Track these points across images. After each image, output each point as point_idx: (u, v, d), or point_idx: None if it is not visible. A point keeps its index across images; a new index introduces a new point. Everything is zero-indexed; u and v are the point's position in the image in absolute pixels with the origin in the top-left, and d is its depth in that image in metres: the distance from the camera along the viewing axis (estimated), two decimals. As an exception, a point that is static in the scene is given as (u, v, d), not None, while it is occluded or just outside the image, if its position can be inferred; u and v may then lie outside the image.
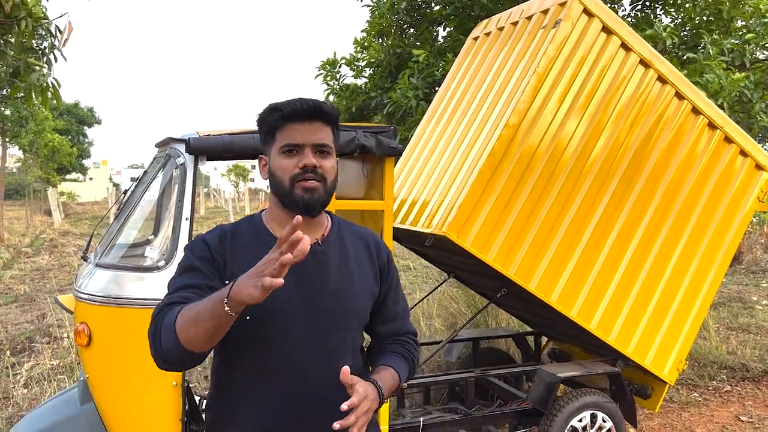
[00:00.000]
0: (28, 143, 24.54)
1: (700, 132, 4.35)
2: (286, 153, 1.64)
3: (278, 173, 1.65)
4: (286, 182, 1.63)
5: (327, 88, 8.33)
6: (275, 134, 1.66)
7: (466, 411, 4.11)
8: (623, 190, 4.14)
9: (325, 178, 1.65)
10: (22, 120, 19.85)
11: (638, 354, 4.20)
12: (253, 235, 1.71)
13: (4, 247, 17.93)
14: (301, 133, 1.63)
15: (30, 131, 22.79)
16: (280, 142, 1.65)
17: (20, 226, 24.61)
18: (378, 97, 7.60)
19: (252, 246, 1.68)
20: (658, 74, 4.18)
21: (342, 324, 1.73)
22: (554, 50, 3.89)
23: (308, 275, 1.68)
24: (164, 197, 3.57)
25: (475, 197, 3.74)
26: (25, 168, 27.30)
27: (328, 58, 8.24)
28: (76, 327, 3.19)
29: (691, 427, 5.08)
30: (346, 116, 8.17)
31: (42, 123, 25.01)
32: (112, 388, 3.15)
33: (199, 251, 1.68)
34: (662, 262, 4.27)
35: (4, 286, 11.89)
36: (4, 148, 19.88)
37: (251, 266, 1.41)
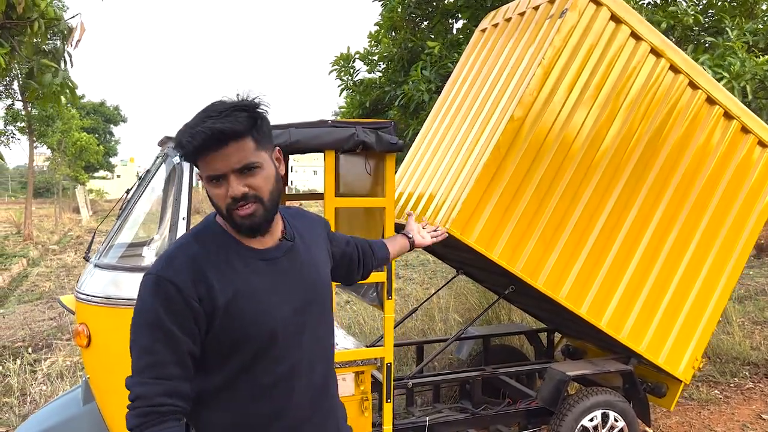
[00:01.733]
0: (56, 142, 24.95)
1: (716, 122, 4.20)
2: (212, 183, 1.56)
3: (214, 200, 1.59)
4: (223, 210, 1.58)
5: (341, 83, 8.28)
6: (197, 163, 1.57)
7: (474, 410, 4.05)
8: (634, 183, 4.02)
9: (259, 197, 1.57)
10: (48, 119, 20.15)
11: (651, 352, 4.09)
12: (220, 252, 1.63)
13: (32, 244, 18.28)
14: (219, 161, 1.52)
15: (57, 130, 23.16)
16: (204, 172, 1.56)
17: (49, 223, 25.10)
18: (392, 91, 7.54)
19: (226, 264, 1.61)
20: (671, 63, 4.05)
21: (324, 309, 1.79)
22: (561, 41, 3.78)
23: (290, 275, 1.70)
24: (162, 197, 3.56)
25: (480, 192, 3.66)
26: (53, 167, 27.79)
27: (342, 53, 8.19)
28: (75, 328, 3.19)
29: (710, 426, 4.95)
30: (360, 111, 8.12)
31: (69, 122, 25.42)
32: (112, 389, 3.14)
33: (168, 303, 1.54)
34: (676, 257, 4.15)
35: (30, 284, 12.11)
36: (31, 147, 20.23)
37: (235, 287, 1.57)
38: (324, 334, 1.79)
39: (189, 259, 1.59)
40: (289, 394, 1.67)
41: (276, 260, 1.68)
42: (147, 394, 1.52)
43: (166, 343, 1.53)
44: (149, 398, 1.51)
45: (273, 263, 1.67)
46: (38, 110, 19.36)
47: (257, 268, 1.64)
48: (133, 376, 1.55)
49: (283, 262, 1.68)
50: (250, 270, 1.63)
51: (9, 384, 5.86)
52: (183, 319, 1.54)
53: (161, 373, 1.53)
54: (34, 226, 21.72)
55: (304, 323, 1.70)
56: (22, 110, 19.36)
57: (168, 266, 1.58)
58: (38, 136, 20.77)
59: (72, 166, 27.25)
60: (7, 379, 5.92)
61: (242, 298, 1.59)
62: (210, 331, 1.58)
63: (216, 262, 1.60)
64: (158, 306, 1.53)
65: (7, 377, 5.95)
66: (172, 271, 1.56)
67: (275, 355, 1.64)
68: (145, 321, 1.55)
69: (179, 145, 1.54)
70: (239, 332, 1.59)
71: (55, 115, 20.23)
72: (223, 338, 1.59)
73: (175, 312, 1.53)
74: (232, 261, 1.61)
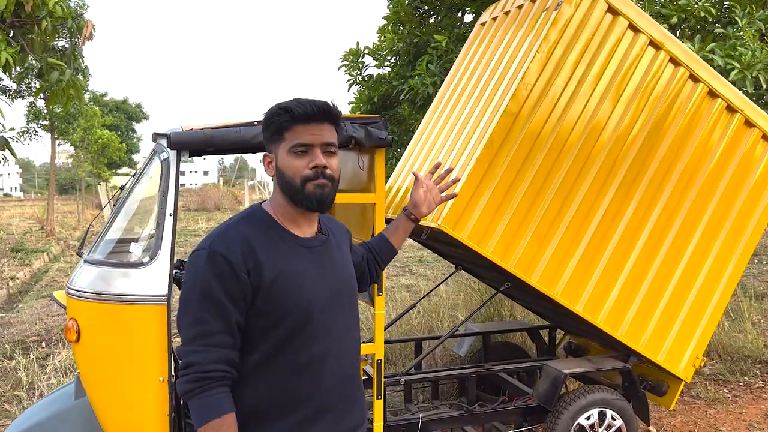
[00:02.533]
0: (78, 139, 25.31)
1: (718, 116, 4.11)
2: (296, 153, 1.70)
3: (288, 172, 1.71)
4: (297, 181, 1.71)
5: (349, 78, 8.27)
6: (283, 134, 1.71)
7: (467, 407, 4.02)
8: (633, 178, 3.95)
9: (333, 177, 1.74)
10: (69, 117, 20.44)
11: (650, 349, 4.01)
12: (267, 234, 1.75)
13: (54, 240, 18.58)
14: (311, 133, 1.69)
15: (79, 127, 23.48)
16: (290, 142, 1.70)
17: (73, 220, 25.50)
18: (399, 86, 7.50)
19: (274, 245, 1.74)
20: (671, 56, 3.96)
21: (352, 302, 1.92)
22: (556, 33, 3.73)
23: (324, 264, 1.82)
24: (150, 193, 3.57)
25: (472, 187, 3.62)
26: (76, 164, 28.19)
27: (351, 48, 8.18)
28: (66, 323, 3.22)
29: (716, 425, 4.85)
30: (369, 107, 8.10)
31: (91, 119, 25.76)
32: (101, 383, 3.17)
33: (221, 275, 1.65)
34: (677, 254, 4.07)
35: (49, 279, 12.32)
36: (53, 145, 20.53)
37: (280, 267, 1.69)
38: (352, 326, 1.89)
39: (239, 236, 1.71)
40: (320, 376, 1.75)
41: (314, 249, 1.82)
42: (199, 361, 1.63)
43: (216, 313, 1.65)
44: (201, 365, 1.63)
45: (311, 251, 1.81)
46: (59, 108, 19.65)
47: (298, 252, 1.77)
48: (184, 345, 1.67)
49: (320, 251, 1.83)
50: (292, 253, 1.76)
51: (19, 378, 5.96)
52: (233, 290, 1.65)
53: (212, 341, 1.64)
54: (58, 222, 22.08)
55: (335, 310, 1.81)
56: (45, 108, 19.66)
57: (219, 241, 1.70)
58: (60, 134, 21.07)
59: (95, 163, 27.61)
60: (18, 373, 6.03)
61: (285, 276, 1.70)
62: (254, 304, 1.69)
63: (263, 241, 1.72)
64: (210, 278, 1.65)
65: (18, 371, 6.05)
66: (224, 246, 1.68)
67: (310, 335, 1.74)
68: (198, 293, 1.66)
69: (284, 110, 1.69)
70: (280, 307, 1.69)
71: (77, 113, 20.51)
72: (265, 312, 1.70)
73: (226, 283, 1.65)
74: (277, 243, 1.74)
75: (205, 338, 1.65)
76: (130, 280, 3.12)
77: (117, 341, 3.11)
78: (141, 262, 3.14)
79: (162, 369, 3.11)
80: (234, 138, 3.16)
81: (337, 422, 1.80)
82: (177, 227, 3.23)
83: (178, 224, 3.72)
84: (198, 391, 1.63)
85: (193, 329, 1.66)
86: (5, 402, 5.56)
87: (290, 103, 1.71)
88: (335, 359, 1.79)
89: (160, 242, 3.13)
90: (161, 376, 3.12)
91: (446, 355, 5.63)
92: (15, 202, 44.11)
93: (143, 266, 3.12)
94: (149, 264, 3.12)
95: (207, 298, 1.66)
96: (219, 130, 3.15)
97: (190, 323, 1.66)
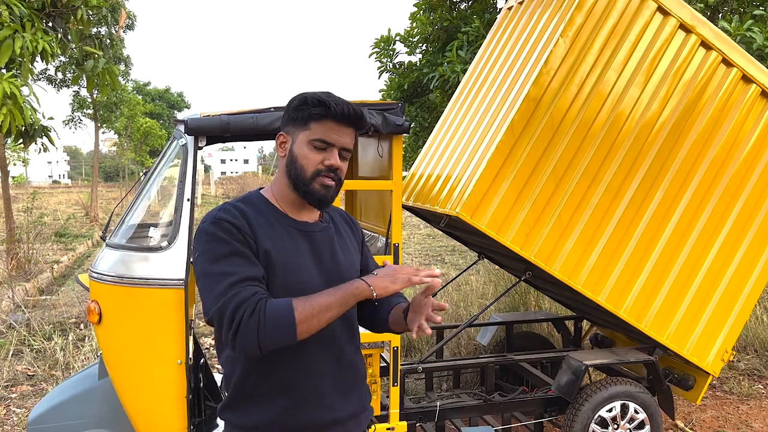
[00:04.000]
0: (122, 127, 25.87)
1: (752, 102, 3.96)
2: (315, 147, 1.72)
3: (301, 161, 1.73)
4: (307, 173, 1.73)
5: (380, 65, 8.24)
6: (310, 123, 1.72)
7: (486, 396, 3.98)
8: (660, 165, 3.83)
9: (340, 178, 1.77)
10: (112, 105, 20.91)
11: (676, 342, 3.91)
12: (266, 215, 1.77)
13: (98, 226, 19.08)
14: (336, 133, 1.72)
15: (122, 115, 24.00)
16: (313, 134, 1.71)
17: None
18: (430, 72, 7.44)
19: (269, 224, 1.75)
20: (702, 39, 3.83)
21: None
22: (582, 17, 3.63)
23: (321, 250, 1.82)
24: (170, 178, 3.63)
25: (492, 174, 3.56)
26: (120, 151, 28.85)
27: (383, 35, 8.14)
28: (88, 305, 3.30)
29: (747, 421, 4.72)
30: (399, 94, 8.06)
31: (134, 108, 26.29)
32: (122, 365, 3.25)
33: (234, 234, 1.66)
34: (705, 244, 3.94)
35: (91, 263, 12.67)
36: (97, 133, 21.04)
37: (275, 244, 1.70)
38: (349, 316, 1.86)
39: (240, 212, 1.72)
40: (312, 361, 1.76)
41: (312, 233, 1.82)
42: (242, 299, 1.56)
43: (240, 263, 1.63)
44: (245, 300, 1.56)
45: (308, 235, 1.81)
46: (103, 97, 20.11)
47: (293, 234, 1.78)
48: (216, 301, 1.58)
49: (317, 236, 1.82)
50: (287, 234, 1.76)
51: (56, 358, 6.15)
52: (246, 245, 1.66)
53: (242, 283, 1.60)
54: (102, 209, 22.67)
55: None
56: (89, 97, 20.14)
57: (222, 212, 1.71)
58: (103, 122, 21.57)
59: (137, 151, 28.20)
60: (56, 354, 6.22)
61: (278, 251, 1.71)
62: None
63: (259, 219, 1.73)
64: (223, 236, 1.65)
65: (56, 352, 6.25)
66: (227, 215, 1.70)
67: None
68: (215, 254, 1.64)
69: (321, 103, 1.70)
70: (270, 282, 1.68)
71: (119, 102, 20.95)
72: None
73: (238, 240, 1.66)
74: (272, 223, 1.75)
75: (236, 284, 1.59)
76: (149, 264, 3.18)
77: (136, 323, 3.18)
78: (160, 247, 3.19)
79: (180, 352, 3.17)
80: (250, 124, 3.17)
81: (332, 409, 1.79)
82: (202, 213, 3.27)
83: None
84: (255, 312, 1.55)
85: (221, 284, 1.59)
86: (43, 381, 5.75)
87: (328, 97, 1.71)
88: (329, 345, 1.79)
89: (178, 227, 3.18)
90: (179, 359, 3.18)
91: (470, 344, 5.59)
92: (62, 189, 45.44)
93: (162, 250, 3.18)
94: (168, 248, 3.18)
95: (225, 255, 1.63)
96: (235, 117, 3.17)
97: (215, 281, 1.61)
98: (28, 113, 5.34)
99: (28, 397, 5.41)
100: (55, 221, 19.57)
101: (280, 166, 1.81)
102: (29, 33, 5.36)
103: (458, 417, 3.95)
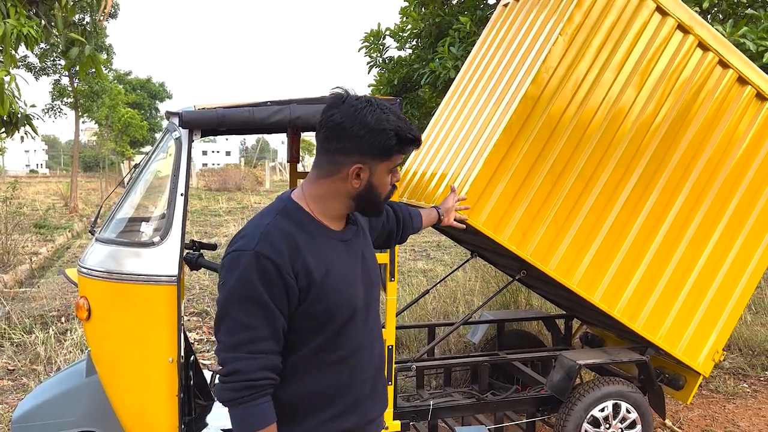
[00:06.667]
0: (103, 117, 25.49)
1: (747, 103, 3.97)
2: (392, 171, 1.75)
3: (380, 189, 1.73)
4: (382, 197, 1.76)
5: (370, 60, 8.17)
6: (393, 156, 1.70)
7: (479, 395, 3.97)
8: (656, 166, 3.83)
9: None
10: (93, 95, 20.59)
11: (668, 342, 3.92)
12: (307, 230, 1.70)
13: (77, 217, 18.81)
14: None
15: (103, 105, 23.64)
16: (394, 163, 1.72)
17: (96, 197, 25.78)
18: (420, 68, 7.39)
19: (313, 242, 1.70)
20: (699, 40, 3.83)
21: (379, 291, 1.94)
22: (581, 16, 3.61)
23: (358, 256, 1.82)
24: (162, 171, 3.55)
25: (489, 173, 3.54)
26: (100, 142, 28.45)
27: (372, 29, 8.07)
28: (77, 301, 3.22)
29: (734, 420, 4.76)
30: (389, 89, 8.00)
31: (116, 98, 25.91)
32: (111, 362, 3.17)
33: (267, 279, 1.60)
34: (698, 246, 3.95)
35: (71, 255, 12.46)
36: (77, 122, 20.72)
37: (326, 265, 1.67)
38: (378, 315, 1.90)
39: (285, 235, 1.65)
40: (358, 368, 1.78)
41: (350, 242, 1.81)
42: (245, 369, 1.60)
43: (264, 318, 1.61)
44: (247, 373, 1.60)
45: (348, 244, 1.80)
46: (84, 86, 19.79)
47: (337, 248, 1.76)
48: (227, 351, 1.62)
49: (353, 243, 1.82)
50: (332, 248, 1.74)
51: (37, 352, 6.04)
52: (280, 295, 1.61)
53: (257, 348, 1.61)
54: (81, 199, 22.35)
55: (369, 302, 1.83)
56: (69, 86, 19.82)
57: (264, 242, 1.62)
58: (84, 111, 21.24)
59: (118, 142, 27.83)
60: (37, 347, 6.10)
61: (332, 274, 1.69)
62: (301, 305, 1.65)
63: (308, 240, 1.68)
64: (256, 281, 1.59)
65: (37, 346, 6.13)
66: (269, 247, 1.61)
67: (352, 331, 1.75)
68: (243, 296, 1.60)
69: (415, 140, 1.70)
70: (332, 305, 1.68)
71: (100, 91, 20.64)
72: (315, 312, 1.67)
73: (273, 288, 1.60)
74: (317, 238, 1.71)
75: (251, 345, 1.61)
76: (141, 260, 3.11)
77: (127, 321, 3.11)
78: (152, 242, 3.12)
79: (171, 349, 3.10)
80: (245, 118, 3.11)
81: (370, 411, 1.84)
82: (198, 207, 3.20)
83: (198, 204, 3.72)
84: (244, 400, 1.61)
85: (238, 335, 1.61)
86: (23, 376, 5.64)
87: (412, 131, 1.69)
88: (369, 350, 1.82)
89: (170, 222, 3.11)
90: (170, 357, 3.11)
91: (460, 342, 5.58)
92: (40, 179, 44.77)
93: (154, 246, 3.11)
94: (160, 244, 3.10)
95: (252, 302, 1.60)
96: (231, 110, 3.11)
97: (233, 328, 1.62)
98: (8, 102, 5.21)
99: (9, 392, 5.30)
100: (33, 212, 19.26)
101: (340, 189, 1.72)
102: (13, 19, 5.22)
103: (451, 416, 3.93)
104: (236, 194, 28.36)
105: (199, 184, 33.11)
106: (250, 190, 29.88)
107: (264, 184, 35.46)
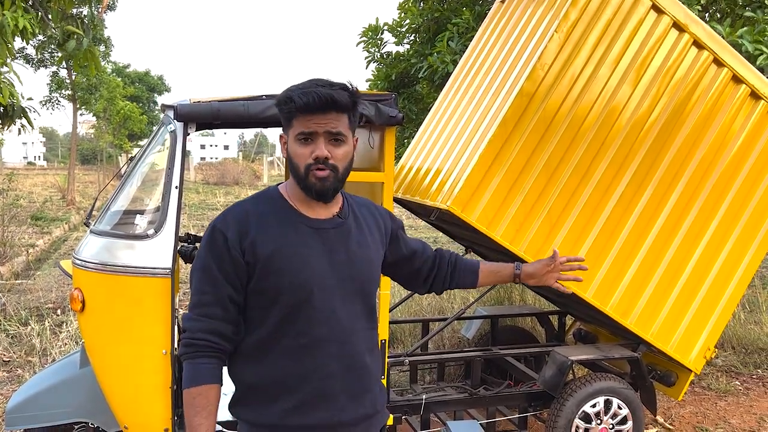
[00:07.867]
0: (101, 110, 25.42)
1: (741, 102, 3.98)
2: (301, 141, 1.71)
3: (294, 159, 1.73)
4: (301, 169, 1.72)
5: (368, 55, 8.17)
6: (292, 120, 1.72)
7: (471, 390, 3.99)
8: (650, 163, 3.85)
9: (336, 167, 1.73)
10: (91, 87, 20.54)
11: (660, 339, 3.94)
12: (275, 213, 1.79)
13: (74, 209, 18.81)
14: (315, 122, 1.69)
15: (101, 98, 23.59)
16: (296, 130, 1.71)
17: (94, 190, 25.78)
18: (418, 63, 7.39)
19: (278, 222, 1.77)
20: (694, 39, 3.84)
21: (365, 289, 1.86)
22: (576, 13, 3.62)
23: (335, 247, 1.80)
24: (157, 164, 3.55)
25: (484, 168, 3.55)
26: (98, 134, 28.39)
27: (371, 24, 8.07)
28: (71, 293, 3.23)
29: (725, 417, 4.79)
30: (386, 84, 8.01)
31: (114, 91, 25.84)
32: (105, 354, 3.19)
33: (217, 251, 1.74)
34: (691, 243, 3.97)
35: (68, 248, 12.47)
36: (75, 115, 20.68)
37: (277, 244, 1.72)
38: (362, 315, 1.85)
39: (242, 213, 1.78)
40: (321, 361, 1.75)
41: (324, 230, 1.80)
42: (191, 328, 1.73)
43: (211, 285, 1.73)
44: (192, 332, 1.73)
45: (320, 232, 1.79)
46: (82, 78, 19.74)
47: (302, 231, 1.77)
48: (188, 310, 1.78)
49: (330, 233, 1.80)
50: (295, 231, 1.77)
51: (33, 344, 6.05)
52: (226, 265, 1.73)
53: (204, 312, 1.74)
54: (78, 192, 22.34)
55: (344, 295, 1.80)
56: (67, 78, 19.77)
57: (223, 219, 1.78)
58: (82, 104, 21.20)
59: (116, 135, 27.76)
60: (32, 339, 6.11)
61: (282, 254, 1.73)
62: (250, 282, 1.74)
63: (263, 220, 1.76)
64: (208, 252, 1.75)
65: (32, 338, 6.14)
66: (224, 224, 1.76)
67: (311, 316, 1.74)
68: (199, 265, 1.77)
69: (289, 100, 1.68)
70: (276, 284, 1.72)
71: (98, 84, 20.59)
72: (262, 290, 1.74)
73: (220, 258, 1.73)
74: (279, 221, 1.77)
75: (200, 308, 1.74)
76: (135, 252, 3.12)
77: (121, 313, 3.12)
78: (146, 234, 3.13)
79: (165, 342, 3.12)
80: (241, 112, 3.12)
81: (340, 411, 1.77)
82: (195, 200, 3.21)
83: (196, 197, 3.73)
84: (187, 356, 1.73)
85: (194, 298, 1.76)
86: (18, 367, 5.65)
87: (296, 90, 1.69)
88: (339, 345, 1.77)
89: (165, 215, 3.12)
90: (164, 349, 3.13)
91: (454, 337, 5.60)
92: (38, 171, 44.68)
93: (148, 238, 3.12)
94: (154, 236, 3.12)
95: (204, 270, 1.75)
96: (226, 104, 3.11)
97: (193, 292, 1.77)
98: (7, 93, 5.21)
99: (4, 383, 5.32)
100: (30, 204, 19.24)
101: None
102: (9, 11, 5.21)
103: (443, 410, 3.95)
104: (234, 188, 28.37)
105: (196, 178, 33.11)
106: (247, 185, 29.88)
107: (262, 178, 35.45)
